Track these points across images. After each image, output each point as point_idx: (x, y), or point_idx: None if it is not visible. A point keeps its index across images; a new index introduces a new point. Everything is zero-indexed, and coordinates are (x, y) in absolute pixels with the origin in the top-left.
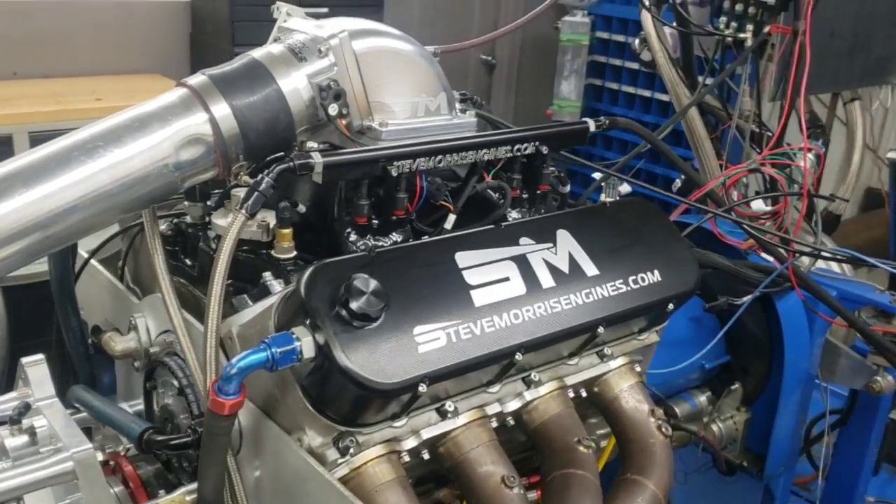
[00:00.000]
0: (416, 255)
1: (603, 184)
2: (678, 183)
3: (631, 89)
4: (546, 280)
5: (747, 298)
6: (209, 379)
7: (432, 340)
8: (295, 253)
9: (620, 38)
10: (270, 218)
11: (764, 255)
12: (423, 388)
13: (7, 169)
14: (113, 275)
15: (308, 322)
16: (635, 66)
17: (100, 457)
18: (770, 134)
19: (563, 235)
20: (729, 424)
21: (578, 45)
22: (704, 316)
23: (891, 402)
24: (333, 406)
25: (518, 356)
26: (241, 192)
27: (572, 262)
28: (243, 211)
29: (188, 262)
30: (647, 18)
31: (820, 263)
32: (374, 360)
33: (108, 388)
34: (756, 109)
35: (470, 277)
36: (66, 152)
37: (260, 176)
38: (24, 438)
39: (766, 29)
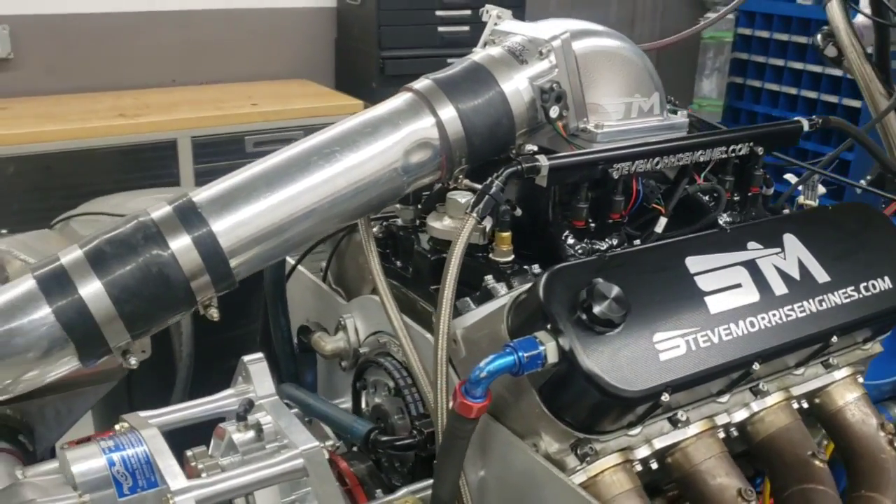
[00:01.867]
0: (647, 259)
1: (801, 186)
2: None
3: (775, 87)
4: (778, 287)
5: None
6: (441, 382)
7: (673, 348)
8: (513, 256)
9: (764, 34)
10: (486, 221)
11: None
12: (665, 396)
13: (248, 174)
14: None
15: (549, 327)
16: (780, 62)
17: None
18: None
19: (790, 240)
20: None
21: (721, 42)
22: None
23: None
24: (572, 412)
25: (755, 366)
26: (457, 196)
27: (802, 267)
28: (474, 215)
29: (399, 263)
30: (834, 10)
31: None
32: (616, 366)
33: (309, 387)
34: None
35: (702, 283)
36: (305, 156)
37: (489, 180)
38: (251, 434)
39: None
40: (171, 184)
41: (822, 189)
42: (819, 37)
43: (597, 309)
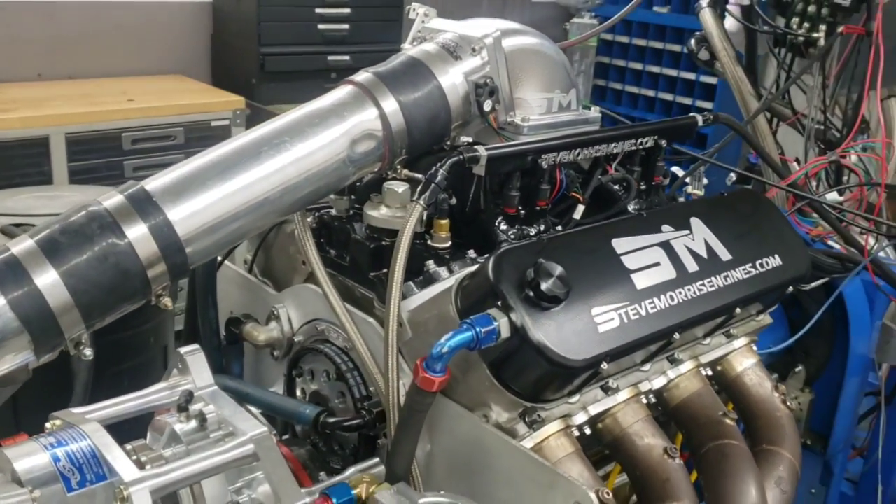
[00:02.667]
0: (579, 241)
1: (689, 177)
2: (732, 177)
3: (634, 89)
4: (690, 265)
5: (817, 283)
6: (392, 362)
7: (609, 321)
8: (451, 242)
9: (624, 39)
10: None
11: (831, 242)
12: (605, 365)
13: (199, 163)
14: None
15: (500, 304)
16: (639, 66)
17: None
18: (833, 130)
19: (696, 223)
20: (793, 405)
21: (586, 46)
22: None
23: None
24: (521, 383)
25: (676, 336)
26: (395, 185)
27: (708, 247)
28: (421, 202)
29: (334, 252)
30: (707, 16)
31: None
32: (562, 339)
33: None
34: (822, 106)
35: (628, 262)
36: (256, 146)
37: (434, 169)
38: (193, 424)
39: (840, 29)
40: (44, 182)
41: (705, 180)
42: (693, 42)
43: (544, 286)
